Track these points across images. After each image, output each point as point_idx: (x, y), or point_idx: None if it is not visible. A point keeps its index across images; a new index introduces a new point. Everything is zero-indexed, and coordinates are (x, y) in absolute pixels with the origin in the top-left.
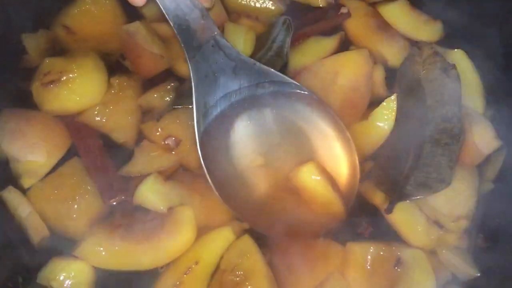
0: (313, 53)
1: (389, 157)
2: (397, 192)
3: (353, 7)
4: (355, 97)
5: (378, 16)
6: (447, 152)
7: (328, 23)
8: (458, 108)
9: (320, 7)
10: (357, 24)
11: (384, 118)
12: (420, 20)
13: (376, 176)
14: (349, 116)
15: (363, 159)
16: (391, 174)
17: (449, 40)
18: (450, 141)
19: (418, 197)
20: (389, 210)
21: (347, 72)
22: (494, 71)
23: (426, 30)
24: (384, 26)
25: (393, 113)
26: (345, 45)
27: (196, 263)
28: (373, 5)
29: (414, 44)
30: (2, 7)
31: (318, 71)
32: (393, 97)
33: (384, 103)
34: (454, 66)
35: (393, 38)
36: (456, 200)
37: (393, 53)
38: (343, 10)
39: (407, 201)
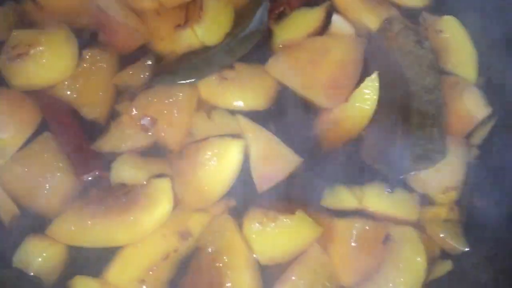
0: (299, 25)
1: (378, 134)
2: (396, 168)
3: None
4: (342, 77)
5: None
6: (437, 123)
7: None
8: (437, 79)
9: None
10: None
11: (366, 98)
12: None
13: (370, 155)
14: (334, 97)
15: (351, 141)
16: (384, 151)
17: (440, 6)
18: (437, 112)
19: (419, 170)
20: (392, 188)
21: (338, 52)
22: (487, 38)
23: None
24: None
25: (375, 92)
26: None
27: (175, 251)
28: None
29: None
30: None
31: (309, 46)
32: (374, 75)
33: (365, 82)
34: (427, 38)
35: (380, 6)
36: (445, 171)
37: (379, 23)
38: None
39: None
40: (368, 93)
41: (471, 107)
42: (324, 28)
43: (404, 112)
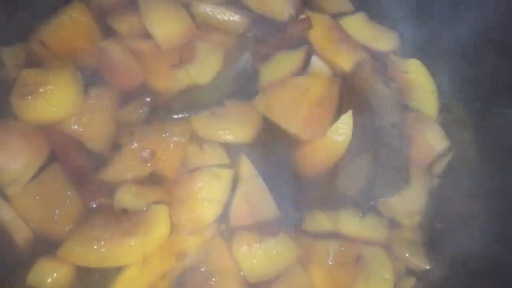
0: (283, 66)
1: (351, 165)
2: (367, 195)
3: (316, 20)
4: (320, 112)
5: (339, 29)
6: (402, 155)
7: (292, 35)
8: (402, 116)
9: (283, 20)
10: (320, 36)
11: (341, 132)
12: (378, 31)
13: (344, 183)
14: (313, 131)
15: (327, 170)
16: (356, 180)
17: (406, 49)
18: (402, 145)
19: (387, 197)
20: (363, 213)
21: (317, 90)
22: (447, 78)
23: (383, 40)
24: (345, 38)
25: (350, 128)
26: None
27: (172, 271)
28: (335, 18)
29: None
30: None
31: (291, 85)
32: (348, 113)
33: (340, 119)
34: (393, 79)
35: (353, 49)
36: (409, 198)
37: (351, 65)
38: (301, 17)
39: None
40: (343, 128)
41: (432, 140)
42: (304, 68)
43: (374, 145)
